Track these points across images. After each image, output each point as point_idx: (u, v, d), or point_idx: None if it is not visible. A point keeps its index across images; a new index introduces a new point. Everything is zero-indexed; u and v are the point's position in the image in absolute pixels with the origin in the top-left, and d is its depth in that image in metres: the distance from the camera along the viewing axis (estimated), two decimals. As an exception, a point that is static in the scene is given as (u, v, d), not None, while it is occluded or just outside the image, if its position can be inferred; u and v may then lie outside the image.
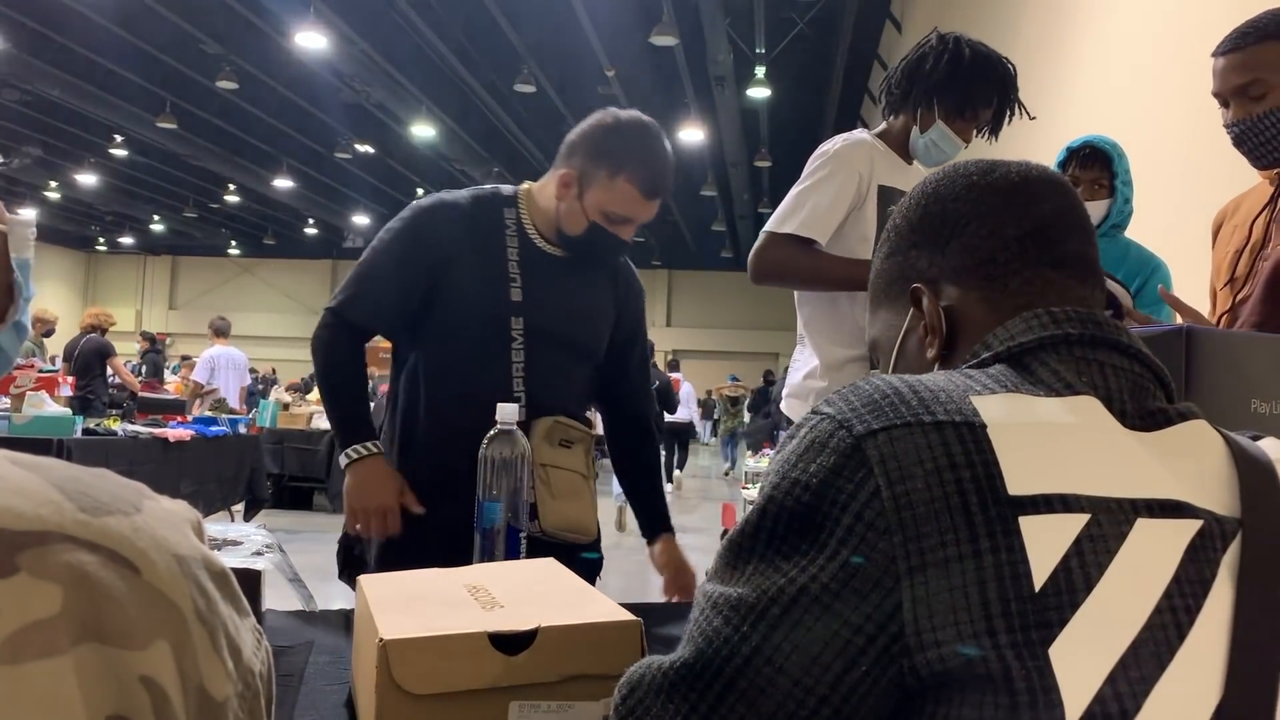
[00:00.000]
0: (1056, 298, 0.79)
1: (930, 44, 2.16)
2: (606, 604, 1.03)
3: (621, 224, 1.81)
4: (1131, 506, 0.64)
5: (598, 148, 1.79)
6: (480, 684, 0.90)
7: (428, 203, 1.87)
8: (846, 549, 0.64)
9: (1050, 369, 0.73)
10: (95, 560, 0.39)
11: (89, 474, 0.44)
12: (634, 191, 1.77)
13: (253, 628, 0.49)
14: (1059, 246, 0.81)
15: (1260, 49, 1.68)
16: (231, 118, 15.44)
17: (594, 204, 1.79)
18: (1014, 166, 0.85)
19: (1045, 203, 0.82)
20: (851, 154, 2.18)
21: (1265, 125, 1.69)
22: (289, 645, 1.32)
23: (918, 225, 0.87)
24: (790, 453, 0.70)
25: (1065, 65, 4.86)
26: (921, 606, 0.61)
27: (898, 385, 0.70)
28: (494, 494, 1.44)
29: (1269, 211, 1.82)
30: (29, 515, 0.39)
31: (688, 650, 0.68)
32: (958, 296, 0.82)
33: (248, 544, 1.30)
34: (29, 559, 0.38)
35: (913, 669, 0.62)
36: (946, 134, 2.15)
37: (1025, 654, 0.59)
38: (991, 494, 0.63)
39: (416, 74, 12.94)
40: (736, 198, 18.23)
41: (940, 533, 0.62)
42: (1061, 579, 0.61)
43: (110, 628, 0.38)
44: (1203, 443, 0.72)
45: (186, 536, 0.46)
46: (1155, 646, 0.61)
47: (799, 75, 13.37)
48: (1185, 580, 0.63)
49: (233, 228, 26.49)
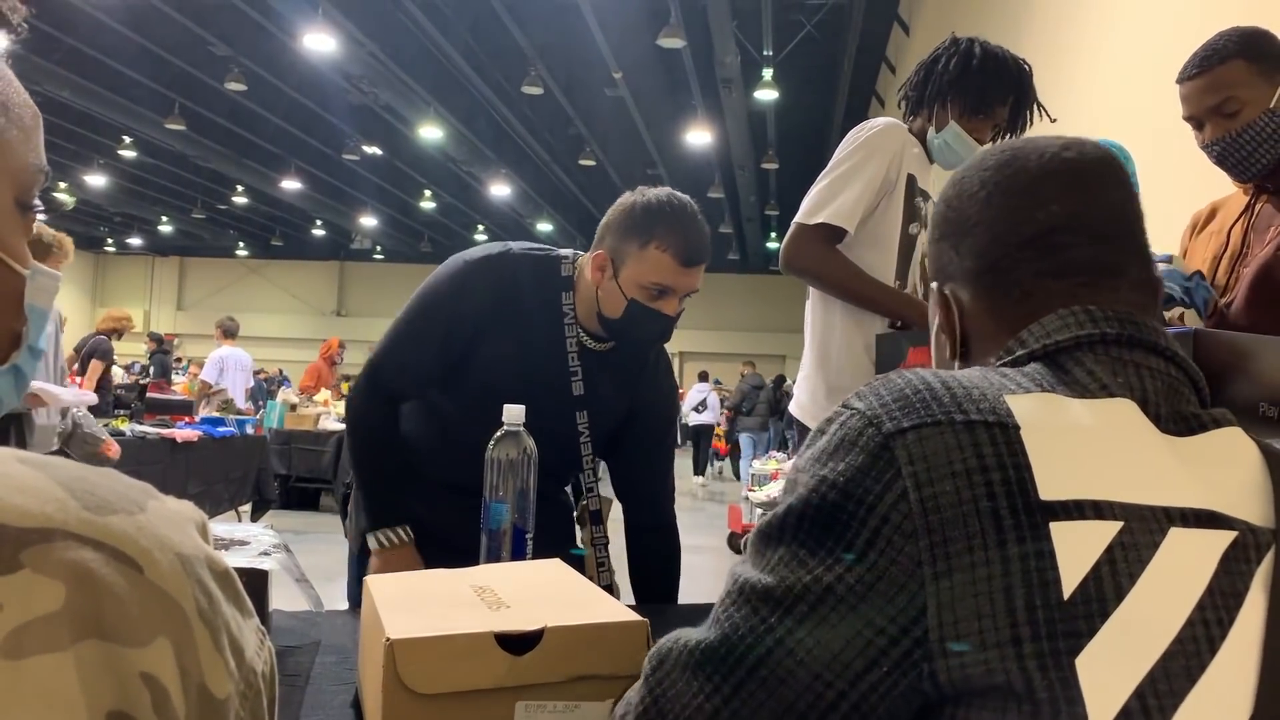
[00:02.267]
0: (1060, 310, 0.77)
1: (945, 45, 2.20)
2: (613, 604, 1.03)
3: (661, 298, 1.70)
4: (1165, 515, 0.63)
5: (627, 223, 1.71)
6: (487, 684, 0.90)
7: (479, 258, 1.77)
8: (873, 551, 0.64)
9: (1086, 369, 0.71)
10: (99, 558, 0.40)
11: (95, 473, 0.45)
12: (667, 258, 1.68)
13: (256, 628, 0.49)
14: (1063, 253, 0.77)
15: (1226, 69, 1.73)
16: (240, 119, 15.46)
17: (630, 280, 1.69)
18: (1034, 157, 0.80)
19: (1054, 204, 0.78)
20: (887, 138, 2.19)
21: (1244, 140, 1.73)
22: (296, 645, 1.33)
23: (944, 218, 0.86)
24: (820, 449, 0.70)
25: (1072, 68, 4.85)
26: (946, 612, 0.61)
27: (931, 381, 0.69)
28: (500, 495, 1.44)
29: (1246, 219, 1.84)
30: (34, 512, 0.39)
31: (714, 633, 0.68)
32: (969, 301, 0.82)
33: (255, 544, 1.30)
34: (33, 556, 0.38)
35: (932, 675, 0.61)
36: (960, 134, 2.16)
37: (1050, 664, 0.58)
38: (1022, 498, 0.62)
39: (424, 76, 12.95)
40: (743, 200, 18.21)
41: (968, 537, 0.61)
42: (1092, 587, 0.60)
43: (111, 624, 0.39)
44: (1237, 451, 0.70)
45: (190, 536, 0.46)
46: (1186, 660, 0.59)
47: (806, 78, 13.35)
48: (1218, 592, 0.62)
49: (240, 229, 26.52)
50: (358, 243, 26.06)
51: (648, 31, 10.98)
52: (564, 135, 15.76)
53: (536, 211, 19.84)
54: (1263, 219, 1.83)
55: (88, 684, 0.37)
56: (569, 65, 12.92)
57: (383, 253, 27.96)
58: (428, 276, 1.80)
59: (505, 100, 13.44)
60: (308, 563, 1.65)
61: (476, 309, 1.73)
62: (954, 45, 2.19)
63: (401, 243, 25.48)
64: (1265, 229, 1.80)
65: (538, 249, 1.83)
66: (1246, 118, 1.72)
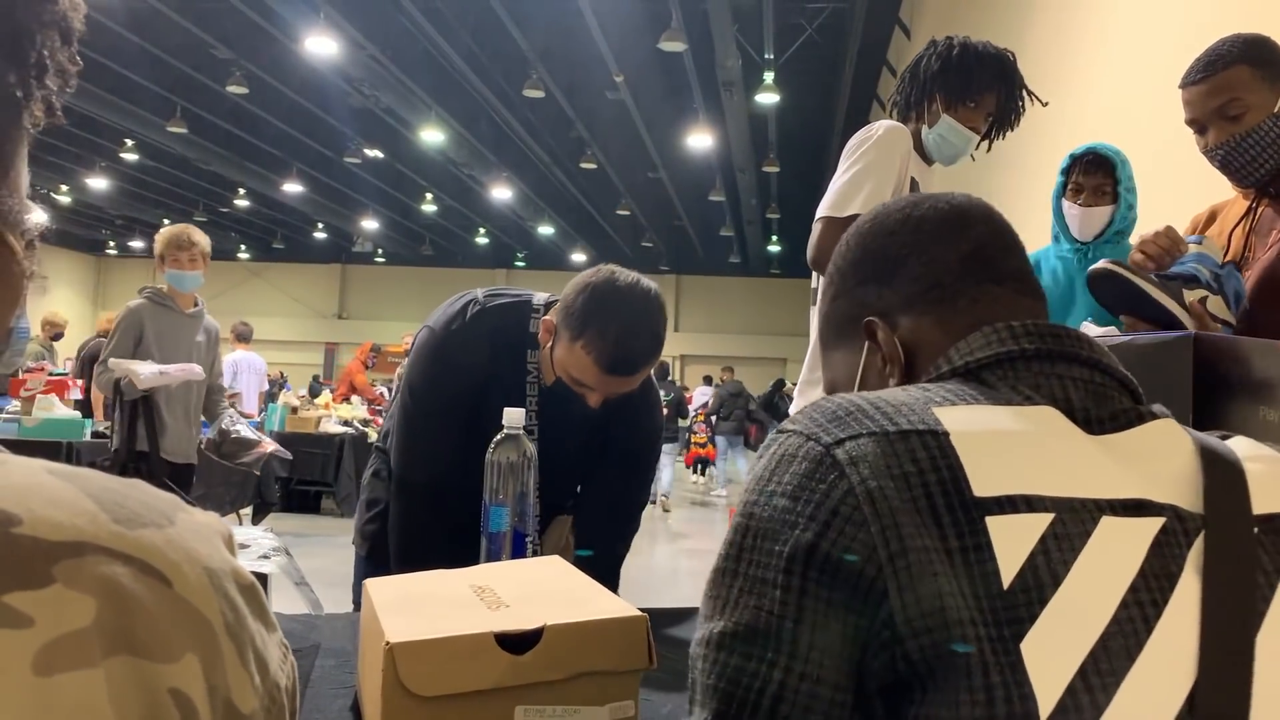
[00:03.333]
0: (1005, 311, 0.81)
1: (925, 48, 2.26)
2: (612, 601, 1.03)
3: (585, 390, 1.66)
4: (1095, 506, 0.66)
5: (570, 306, 1.65)
6: (487, 684, 0.90)
7: (454, 331, 1.76)
8: (825, 541, 0.65)
9: (1008, 383, 0.75)
10: (129, 572, 0.40)
11: (123, 485, 0.45)
12: (589, 362, 1.61)
13: (279, 642, 0.49)
14: (998, 264, 0.84)
15: (1230, 73, 1.74)
16: (241, 122, 15.48)
17: (559, 362, 1.67)
18: (940, 198, 0.89)
19: (978, 225, 0.86)
20: (896, 138, 2.21)
21: (1249, 144, 1.73)
22: (295, 649, 1.32)
23: (859, 264, 0.90)
24: (763, 469, 0.71)
25: (1072, 71, 4.85)
26: (908, 594, 0.63)
27: (859, 401, 0.72)
28: (500, 498, 1.44)
29: (1247, 223, 1.85)
30: (65, 525, 0.39)
31: (712, 703, 0.65)
32: (910, 324, 0.85)
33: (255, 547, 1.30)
34: (65, 570, 0.38)
35: (905, 656, 0.63)
36: (953, 125, 2.18)
37: (999, 649, 0.61)
38: (958, 496, 0.65)
39: (425, 79, 12.96)
40: (744, 203, 18.21)
41: (915, 526, 0.64)
42: (1029, 576, 0.63)
43: (141, 640, 0.39)
44: (1169, 441, 0.74)
45: (218, 549, 0.46)
46: (1124, 639, 0.62)
47: (808, 81, 13.37)
48: (1150, 574, 0.65)
49: (242, 232, 26.54)
50: (359, 245, 26.07)
51: (649, 35, 11.00)
52: (565, 138, 15.77)
53: (538, 214, 19.85)
54: (1264, 222, 1.83)
55: (117, 701, 0.37)
56: (570, 68, 12.93)
57: (384, 255, 27.98)
58: (407, 367, 1.80)
59: (506, 103, 13.45)
60: (308, 566, 1.65)
61: (470, 377, 1.75)
62: (933, 45, 2.24)
63: (403, 245, 25.50)
64: (1267, 232, 1.81)
65: (507, 298, 1.81)
66: (1250, 122, 1.73)
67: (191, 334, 4.28)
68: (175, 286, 4.23)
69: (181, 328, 4.24)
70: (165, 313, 4.21)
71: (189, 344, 4.26)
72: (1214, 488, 0.70)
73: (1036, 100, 2.25)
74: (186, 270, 4.20)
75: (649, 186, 18.24)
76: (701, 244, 23.61)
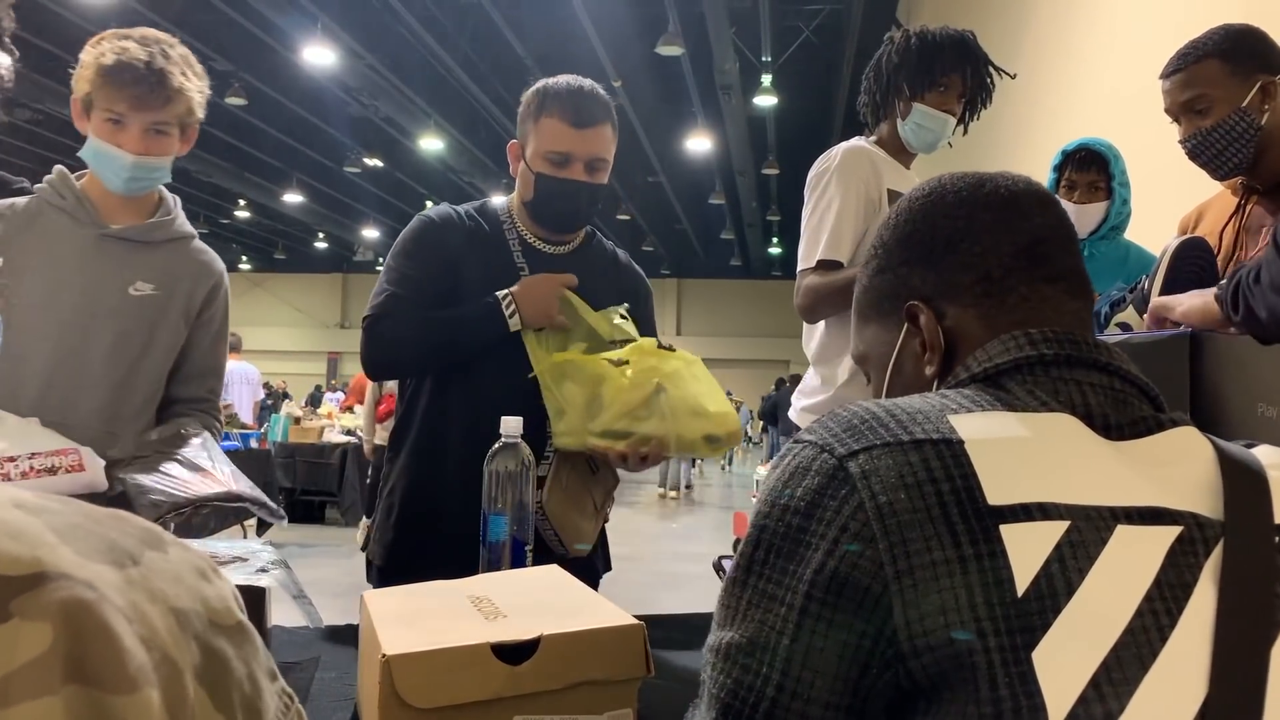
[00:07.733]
0: (1052, 313, 0.80)
1: (881, 49, 2.29)
2: (609, 609, 1.03)
3: (564, 165, 1.80)
4: (1111, 514, 0.66)
5: (525, 109, 1.87)
6: (484, 695, 0.90)
7: (433, 213, 1.90)
8: (833, 559, 0.66)
9: (1026, 389, 0.74)
10: (93, 597, 0.39)
11: (102, 517, 0.44)
12: (559, 124, 1.80)
13: (280, 690, 0.47)
14: (1054, 262, 0.82)
15: (1200, 67, 1.76)
16: (241, 133, 15.51)
17: (534, 155, 1.82)
18: (1002, 181, 0.85)
19: (1037, 218, 0.83)
20: (853, 163, 2.19)
21: (1214, 139, 1.75)
22: (295, 661, 1.33)
23: (907, 242, 0.87)
24: (776, 480, 0.72)
25: (1070, 70, 4.85)
26: (912, 609, 0.63)
27: (875, 410, 0.72)
28: (499, 507, 1.44)
29: (1237, 221, 1.85)
30: (25, 559, 0.38)
31: (713, 710, 0.69)
32: (954, 314, 0.83)
33: (253, 561, 1.30)
34: (21, 604, 0.37)
35: (908, 674, 0.63)
36: (927, 112, 2.18)
37: (1010, 658, 0.61)
38: (972, 505, 0.65)
39: (424, 87, 12.98)
40: (745, 206, 18.23)
41: (925, 539, 0.64)
42: (1043, 584, 0.62)
43: (94, 669, 0.38)
44: (1189, 449, 0.73)
45: (192, 588, 0.44)
46: (1138, 649, 0.61)
47: (806, 83, 13.38)
48: (1166, 584, 0.64)
49: (243, 243, 26.60)
50: (360, 254, 26.11)
51: (646, 39, 11.01)
52: (564, 144, 15.77)
53: (538, 221, 19.86)
54: (1254, 220, 1.83)
55: None
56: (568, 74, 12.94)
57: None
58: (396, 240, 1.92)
59: (505, 110, 13.47)
60: (312, 577, 1.65)
61: (440, 240, 1.84)
62: (889, 42, 2.27)
63: (404, 254, 25.51)
64: (1257, 230, 1.81)
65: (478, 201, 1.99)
66: (1218, 116, 1.74)
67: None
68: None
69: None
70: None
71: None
72: (1235, 495, 0.69)
73: (1004, 73, 2.25)
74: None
75: (649, 191, 18.26)
76: (702, 247, 23.64)
